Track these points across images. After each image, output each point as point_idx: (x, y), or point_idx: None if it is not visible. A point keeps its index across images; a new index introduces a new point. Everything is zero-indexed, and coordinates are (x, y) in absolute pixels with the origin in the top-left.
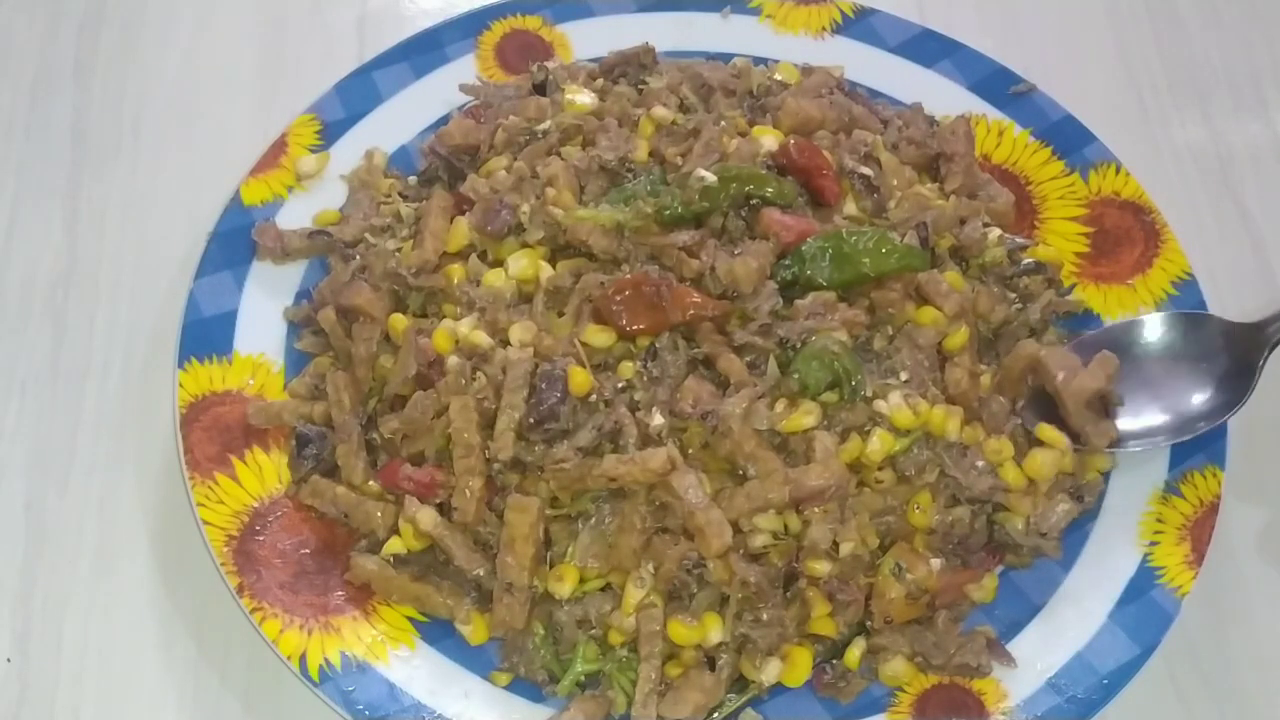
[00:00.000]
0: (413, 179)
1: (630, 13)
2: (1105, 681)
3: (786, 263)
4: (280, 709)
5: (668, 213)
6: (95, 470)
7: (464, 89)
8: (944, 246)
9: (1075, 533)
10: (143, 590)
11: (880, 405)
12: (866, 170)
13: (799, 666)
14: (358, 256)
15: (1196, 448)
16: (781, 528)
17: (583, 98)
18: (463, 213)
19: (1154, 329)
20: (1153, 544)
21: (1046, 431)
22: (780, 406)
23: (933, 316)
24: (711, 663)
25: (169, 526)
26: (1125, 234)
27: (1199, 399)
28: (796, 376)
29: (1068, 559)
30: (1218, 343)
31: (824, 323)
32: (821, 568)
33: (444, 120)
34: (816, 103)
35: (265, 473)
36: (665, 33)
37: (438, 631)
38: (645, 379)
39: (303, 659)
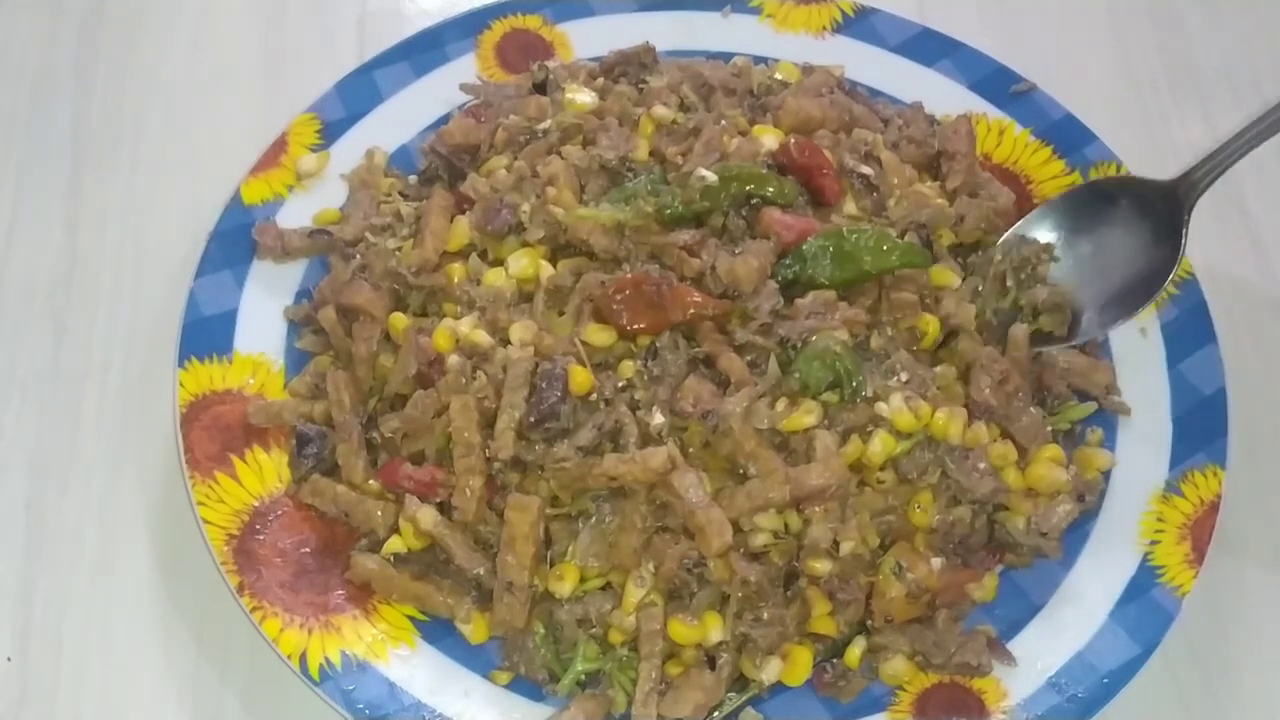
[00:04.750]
0: (413, 178)
1: (630, 12)
2: (1105, 681)
3: (787, 262)
4: (280, 709)
5: (668, 212)
6: (95, 470)
7: (464, 88)
8: (944, 244)
9: (1075, 532)
10: (143, 590)
11: (881, 408)
12: (867, 169)
13: (799, 665)
14: (358, 256)
15: (1196, 447)
16: (782, 527)
17: (583, 97)
18: (463, 212)
19: (1074, 206)
20: (1153, 543)
21: (1050, 450)
22: (781, 406)
23: (936, 324)
24: (712, 662)
25: (169, 526)
26: None
27: (1132, 275)
28: (797, 376)
29: (1068, 558)
30: (1142, 206)
31: (825, 322)
32: (822, 567)
33: (444, 119)
34: (817, 102)
35: (265, 472)
36: (665, 32)
37: (438, 630)
38: (645, 378)
39: (303, 658)
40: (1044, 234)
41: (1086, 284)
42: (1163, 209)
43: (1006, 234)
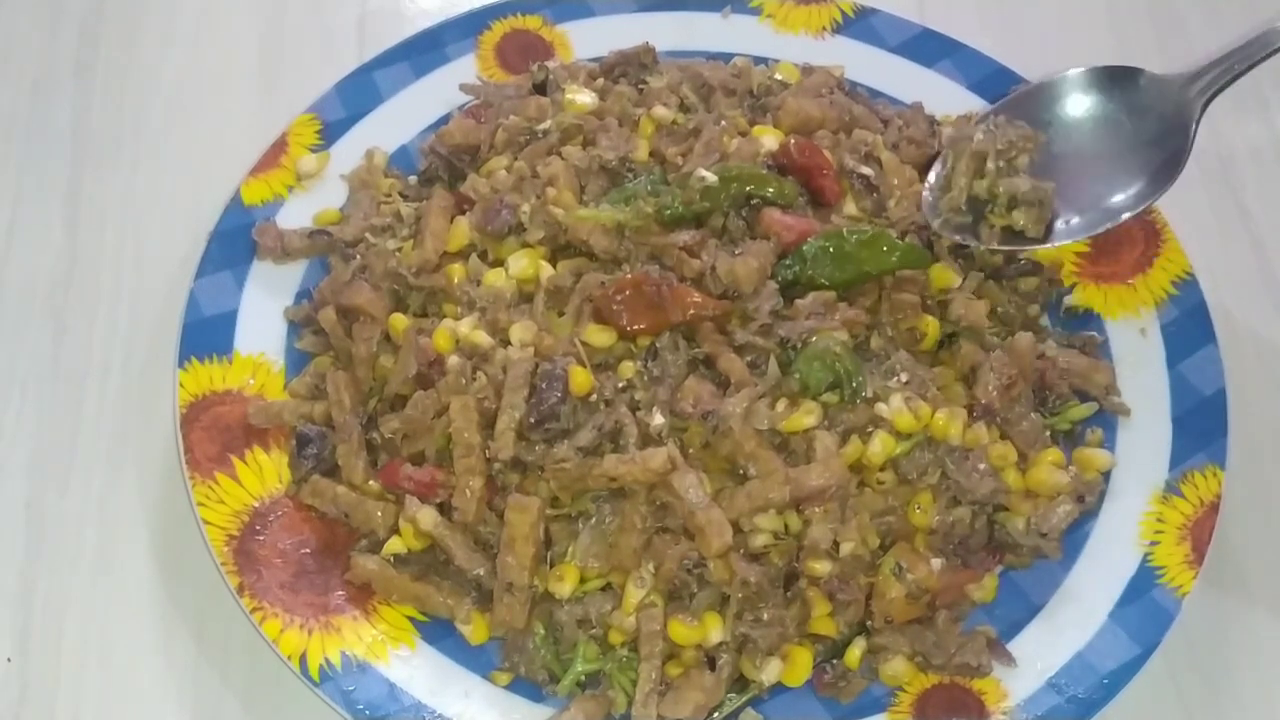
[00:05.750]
0: (413, 179)
1: (630, 12)
2: (1105, 681)
3: (787, 262)
4: (280, 709)
5: (668, 212)
6: (95, 470)
7: (464, 89)
8: (944, 244)
9: (1075, 533)
10: (143, 590)
11: (882, 408)
12: (866, 170)
13: (799, 666)
14: (358, 256)
15: (1196, 447)
16: (782, 527)
17: (583, 97)
18: (463, 212)
19: (1074, 90)
20: (1153, 544)
21: (1050, 454)
22: (781, 406)
23: (935, 325)
24: (712, 662)
25: (169, 526)
26: (1125, 233)
27: (1130, 172)
28: (797, 376)
29: (1068, 559)
30: (1145, 101)
31: (825, 322)
32: (822, 567)
33: (444, 120)
34: (817, 102)
35: (265, 472)
36: (665, 32)
37: (438, 631)
38: (645, 379)
39: (303, 659)
40: (1031, 118)
41: (1073, 180)
42: (1169, 106)
43: (988, 111)
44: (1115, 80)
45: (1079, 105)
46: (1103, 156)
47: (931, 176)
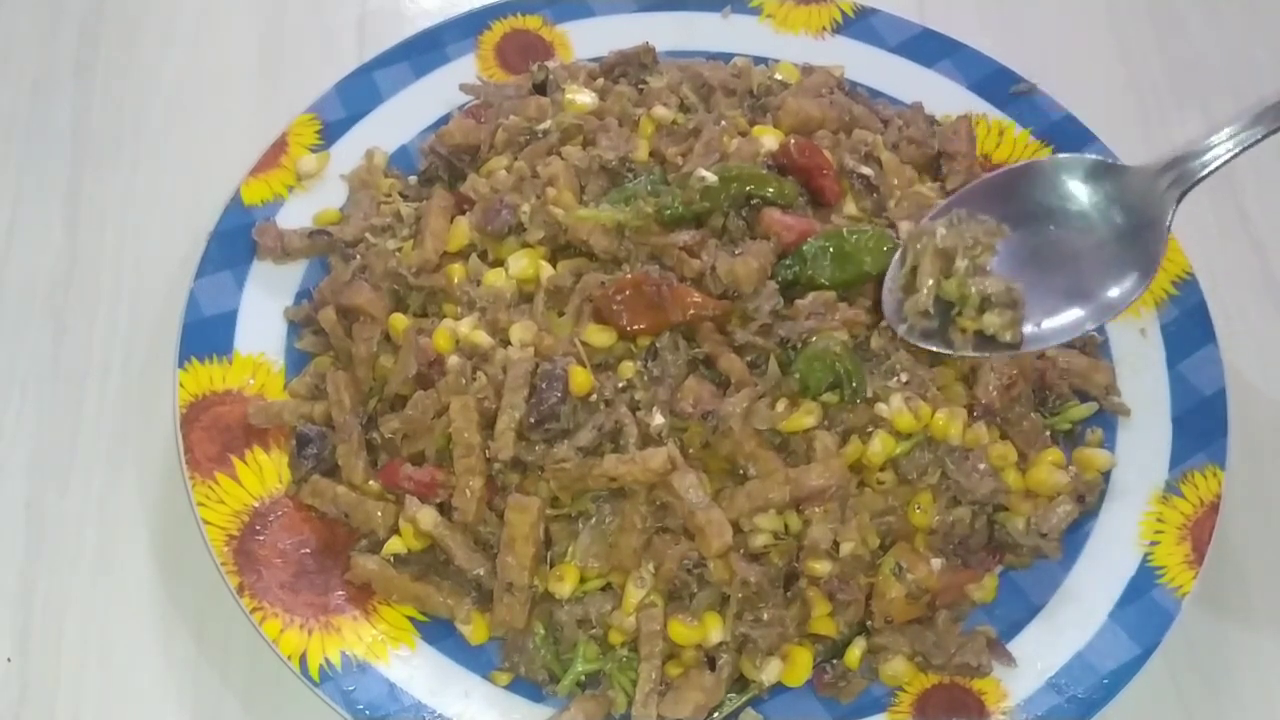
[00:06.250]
0: (413, 179)
1: (630, 12)
2: (1105, 681)
3: (787, 262)
4: (280, 709)
5: (668, 212)
6: (95, 470)
7: (464, 89)
8: None
9: (1075, 533)
10: (143, 590)
11: (881, 408)
12: (866, 170)
13: (799, 666)
14: (358, 256)
15: (1196, 447)
16: (782, 527)
17: (583, 97)
18: (463, 212)
19: (1036, 181)
20: (1153, 544)
21: (1050, 454)
22: (781, 406)
23: None
24: (712, 662)
25: (169, 526)
26: None
27: (1101, 272)
28: (797, 376)
29: (1068, 559)
30: (1113, 194)
31: (825, 322)
32: (822, 567)
33: (444, 120)
34: (817, 102)
35: (265, 472)
36: (665, 32)
37: (438, 631)
38: (645, 379)
39: (303, 659)
40: (992, 210)
41: (1039, 280)
42: (1139, 200)
43: (946, 204)
44: (1081, 171)
45: (1043, 198)
46: (1070, 254)
47: (890, 278)
